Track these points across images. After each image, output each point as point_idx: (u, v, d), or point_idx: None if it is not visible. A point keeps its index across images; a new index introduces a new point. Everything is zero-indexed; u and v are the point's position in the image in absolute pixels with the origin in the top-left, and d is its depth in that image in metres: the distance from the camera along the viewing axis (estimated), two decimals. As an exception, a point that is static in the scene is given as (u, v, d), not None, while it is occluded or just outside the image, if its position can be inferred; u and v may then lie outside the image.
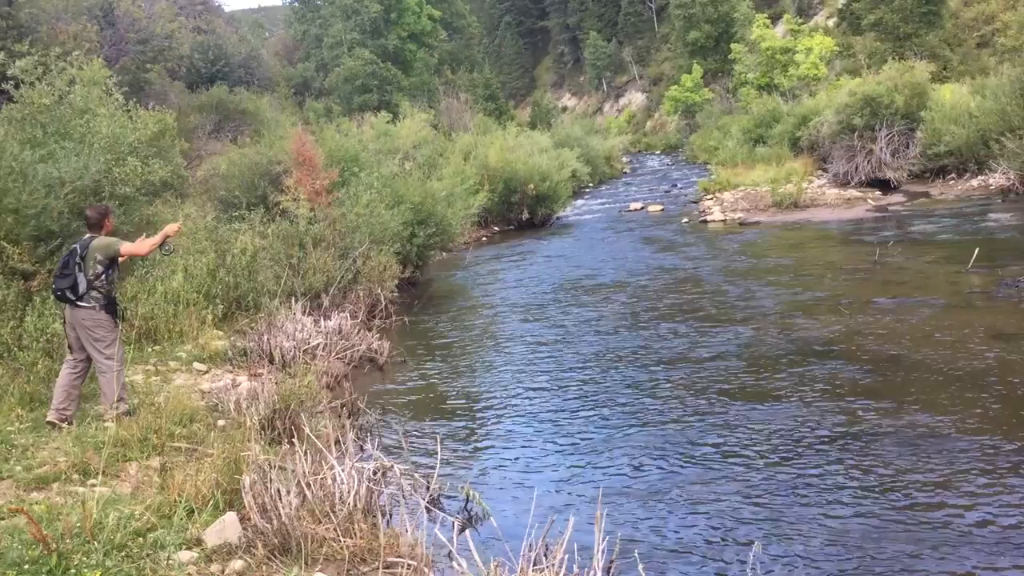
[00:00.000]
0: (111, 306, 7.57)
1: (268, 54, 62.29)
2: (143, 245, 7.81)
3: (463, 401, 9.94)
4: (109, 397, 7.54)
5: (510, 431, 8.67)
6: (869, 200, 24.44)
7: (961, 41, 44.67)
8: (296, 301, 12.00)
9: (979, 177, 24.37)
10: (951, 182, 25.37)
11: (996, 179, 23.33)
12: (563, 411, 9.13)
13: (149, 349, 10.48)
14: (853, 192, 25.84)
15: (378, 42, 60.98)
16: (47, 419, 7.34)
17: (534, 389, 10.08)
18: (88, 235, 7.64)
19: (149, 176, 13.38)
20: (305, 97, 57.20)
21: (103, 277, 7.48)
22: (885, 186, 26.14)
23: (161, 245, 7.80)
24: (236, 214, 15.60)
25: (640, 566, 4.45)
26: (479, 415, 9.37)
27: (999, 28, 41.81)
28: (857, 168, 27.12)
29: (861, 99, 27.39)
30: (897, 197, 24.68)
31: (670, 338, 11.69)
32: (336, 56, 60.57)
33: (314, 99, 56.02)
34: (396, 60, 61.00)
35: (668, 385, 9.62)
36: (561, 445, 8.09)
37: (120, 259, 7.68)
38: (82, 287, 7.38)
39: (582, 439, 8.20)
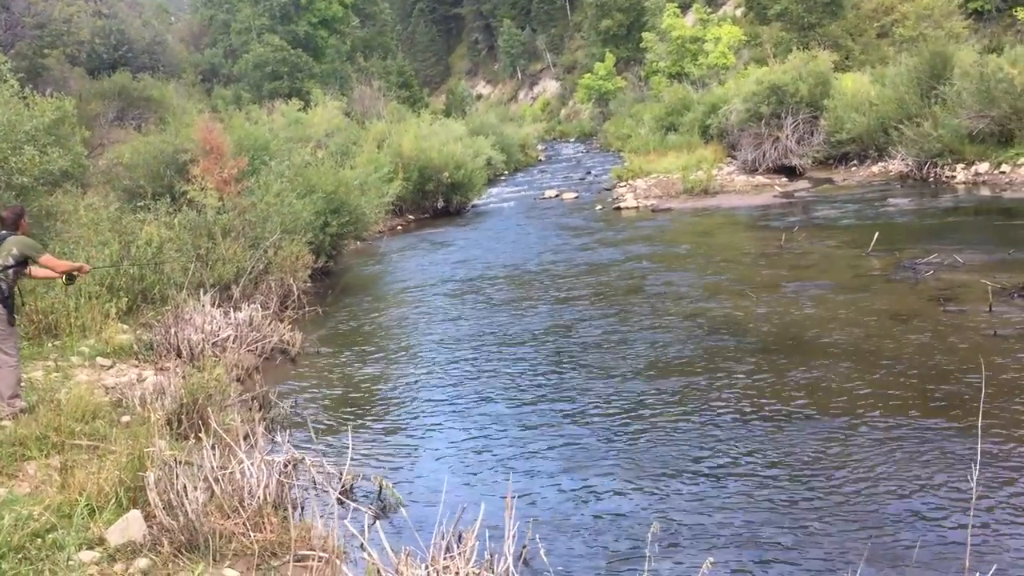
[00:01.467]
0: (7, 301, 7.34)
1: (174, 40, 60.61)
2: (60, 263, 7.88)
3: (376, 392, 9.88)
4: (4, 394, 7.27)
5: (423, 421, 8.65)
6: (776, 187, 25.08)
7: (862, 31, 46.13)
8: (205, 293, 11.72)
9: (879, 163, 25.28)
10: (853, 168, 26.23)
11: (895, 165, 24.23)
12: (476, 400, 9.14)
13: (49, 344, 10.13)
14: (761, 179, 26.50)
15: (288, 28, 59.76)
16: None
17: (448, 379, 10.07)
18: (4, 231, 7.52)
19: (47, 165, 12.91)
20: (213, 84, 55.79)
21: (9, 271, 7.34)
22: (791, 173, 26.88)
23: (69, 275, 8.03)
24: (141, 204, 15.17)
25: (542, 550, 4.49)
26: (392, 406, 9.32)
27: (897, 19, 43.32)
28: (764, 155, 27.81)
29: (768, 88, 28.08)
30: (802, 183, 25.39)
31: (582, 323, 11.81)
32: (245, 42, 59.18)
33: (222, 86, 54.69)
34: (307, 47, 59.87)
35: (579, 371, 9.72)
36: (473, 435, 8.11)
37: (31, 265, 7.61)
38: None
39: (494, 428, 8.22)
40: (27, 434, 6.61)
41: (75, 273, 8.09)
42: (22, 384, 7.60)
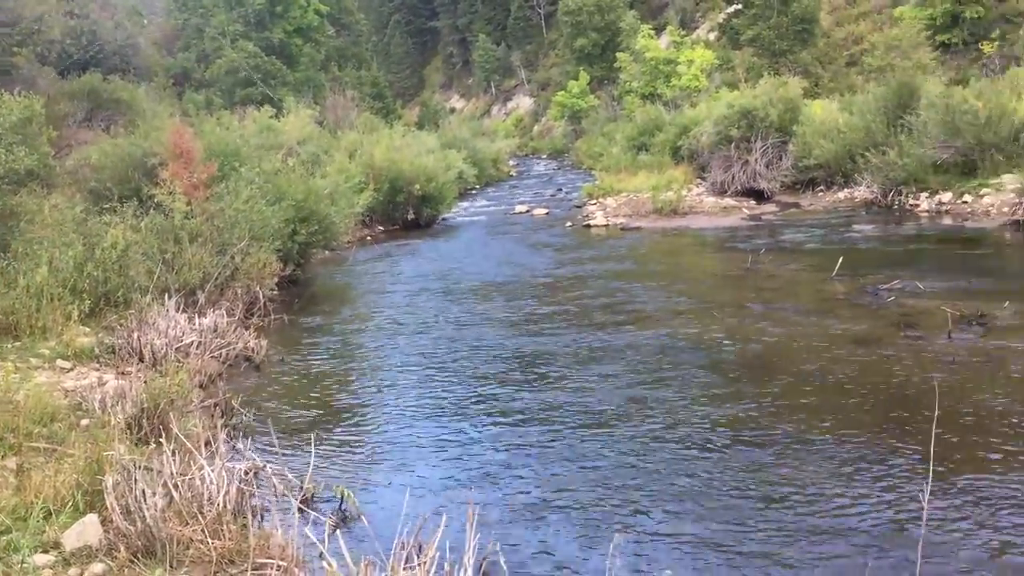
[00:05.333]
0: None
1: (146, 42, 60.05)
2: None
3: (340, 402, 9.84)
4: None
5: (386, 432, 8.63)
6: (744, 209, 25.33)
7: (832, 59, 46.79)
8: (169, 297, 11.63)
9: (846, 190, 25.60)
10: (820, 194, 26.54)
11: (861, 192, 24.55)
12: (439, 414, 9.14)
13: (8, 345, 9.98)
14: (729, 201, 26.73)
15: (262, 35, 59.59)
16: None
17: (412, 392, 10.06)
18: None
19: (13, 164, 12.75)
20: (184, 88, 55.38)
21: None
22: (759, 196, 27.15)
23: None
24: (107, 206, 15.01)
25: (502, 560, 4.50)
26: (356, 417, 9.29)
27: (867, 48, 44.00)
28: (733, 178, 28.05)
29: (738, 111, 28.36)
30: (770, 207, 25.67)
31: (548, 339, 11.85)
32: (218, 48, 58.90)
33: (194, 91, 54.29)
34: (281, 54, 59.71)
35: (543, 386, 9.75)
36: (436, 447, 8.10)
37: None
38: None
39: (458, 441, 8.23)
40: (-17, 435, 6.51)
41: None
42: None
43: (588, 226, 24.71)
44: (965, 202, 20.92)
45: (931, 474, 4.15)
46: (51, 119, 20.74)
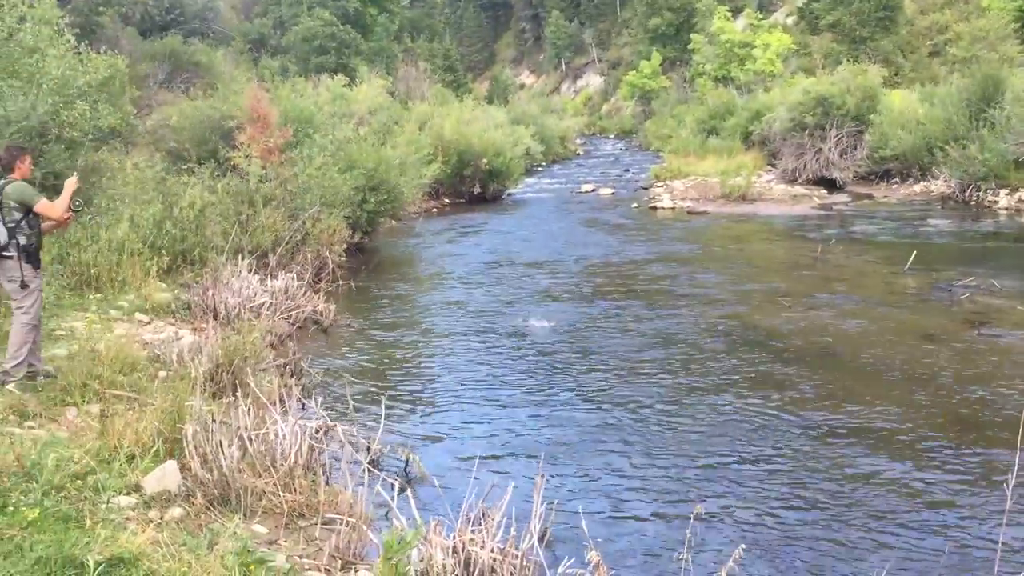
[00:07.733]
0: (32, 257, 6.85)
1: (224, 6, 61.00)
2: (56, 207, 6.84)
3: (407, 367, 10.00)
4: (9, 351, 6.83)
5: (452, 399, 8.76)
6: (815, 198, 24.93)
7: (914, 48, 45.60)
8: (243, 258, 11.90)
9: (921, 183, 25.05)
10: (894, 186, 26.01)
11: (937, 186, 23.99)
12: (505, 383, 9.23)
13: (90, 296, 10.32)
14: (800, 189, 26.34)
15: (339, 3, 59.94)
16: None
17: (477, 359, 10.17)
18: (1, 179, 6.80)
19: (98, 122, 13.11)
20: (260, 54, 56.09)
21: (23, 224, 6.74)
22: (831, 185, 26.70)
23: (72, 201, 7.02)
24: (185, 167, 15.38)
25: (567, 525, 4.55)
26: (422, 381, 9.44)
27: (951, 39, 42.78)
28: (805, 166, 27.65)
29: (814, 98, 27.90)
30: (842, 197, 25.23)
31: (614, 317, 11.87)
32: (295, 15, 59.38)
33: (270, 56, 54.94)
34: (356, 23, 59.99)
35: (610, 362, 9.78)
36: (502, 415, 8.20)
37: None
38: (2, 238, 6.66)
39: (523, 410, 8.32)
40: (71, 381, 6.76)
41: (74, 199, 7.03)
42: (37, 351, 7.14)
43: (654, 208, 24.57)
44: (1048, 201, 20.35)
45: (1016, 464, 4.09)
46: (132, 79, 21.21)
